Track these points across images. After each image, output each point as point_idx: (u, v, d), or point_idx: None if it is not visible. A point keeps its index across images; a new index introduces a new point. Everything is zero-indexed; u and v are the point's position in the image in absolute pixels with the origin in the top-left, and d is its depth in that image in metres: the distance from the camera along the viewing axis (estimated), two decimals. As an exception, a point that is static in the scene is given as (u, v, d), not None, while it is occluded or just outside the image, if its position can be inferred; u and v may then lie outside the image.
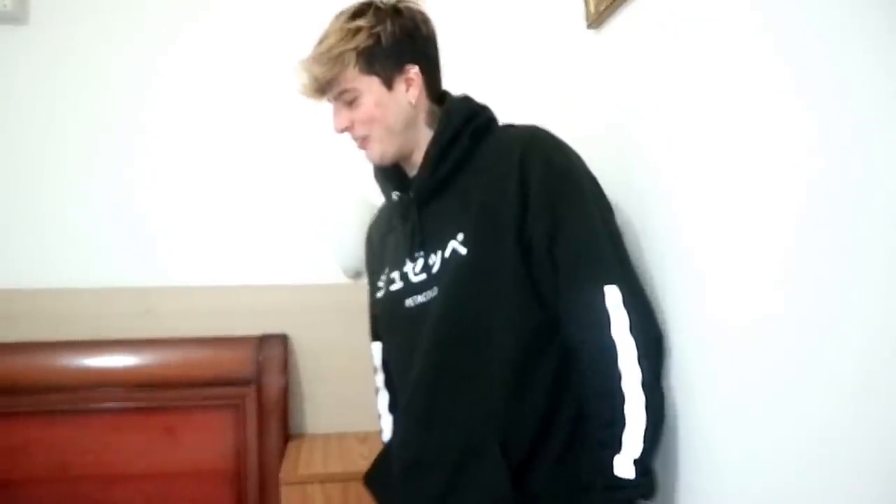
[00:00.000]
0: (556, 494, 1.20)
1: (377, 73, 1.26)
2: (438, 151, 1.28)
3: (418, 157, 1.31)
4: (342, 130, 1.30)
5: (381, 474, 1.41)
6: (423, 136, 1.31)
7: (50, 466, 1.90)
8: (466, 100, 1.35)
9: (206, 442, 1.94)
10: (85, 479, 1.90)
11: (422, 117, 1.31)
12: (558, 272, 1.19)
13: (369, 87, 1.26)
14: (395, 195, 1.36)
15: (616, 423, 1.12)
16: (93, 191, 2.04)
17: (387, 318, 1.40)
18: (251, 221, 2.07)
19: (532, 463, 1.19)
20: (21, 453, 1.90)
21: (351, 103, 1.27)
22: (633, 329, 1.14)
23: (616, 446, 1.12)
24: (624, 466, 1.11)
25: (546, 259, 1.20)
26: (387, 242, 1.42)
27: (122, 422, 1.91)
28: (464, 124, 1.29)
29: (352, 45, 1.25)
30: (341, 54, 1.24)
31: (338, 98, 1.28)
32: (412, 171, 1.34)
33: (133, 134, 2.05)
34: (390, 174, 1.36)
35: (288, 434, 1.99)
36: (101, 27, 2.04)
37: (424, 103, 1.31)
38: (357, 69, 1.25)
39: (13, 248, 2.01)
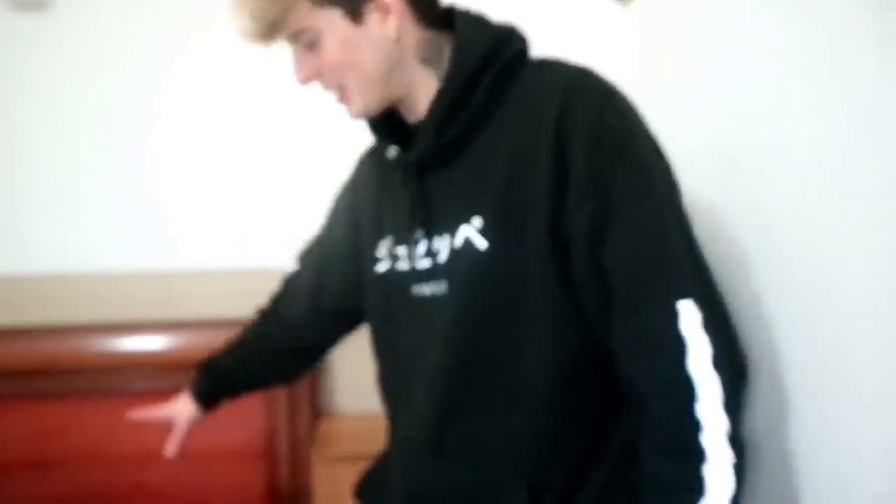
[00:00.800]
0: None
1: (337, 4, 0.95)
2: (446, 108, 0.96)
3: (417, 100, 1.01)
4: (306, 81, 1.00)
5: (375, 488, 1.20)
6: (421, 76, 1.00)
7: (84, 447, 1.93)
8: (484, 25, 1.00)
9: (237, 422, 1.94)
10: (119, 459, 1.92)
11: (412, 52, 0.99)
12: (609, 281, 0.90)
13: (330, 23, 0.95)
14: (392, 151, 1.07)
15: (692, 490, 0.84)
16: (121, 177, 2.04)
17: (385, 302, 1.09)
18: (277, 204, 2.06)
19: None
20: (56, 435, 1.93)
21: (311, 46, 0.97)
22: (718, 361, 0.85)
23: None
24: None
25: (589, 262, 0.90)
26: (385, 196, 1.11)
27: (154, 403, 1.93)
28: (482, 66, 0.96)
29: None
30: None
31: (293, 41, 0.98)
32: (412, 117, 1.04)
33: (154, 118, 2.04)
34: (382, 121, 1.06)
35: (318, 413, 2.00)
36: (119, 14, 2.02)
37: (414, 34, 0.98)
38: (307, 3, 0.94)
39: (43, 233, 2.03)
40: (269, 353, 1.38)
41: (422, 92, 1.00)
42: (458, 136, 0.97)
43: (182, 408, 1.38)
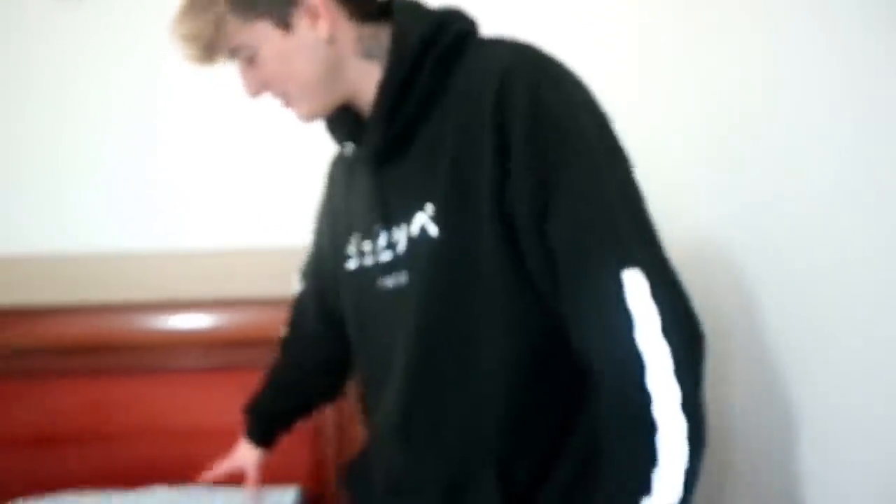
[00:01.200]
0: None
1: (264, 16, 0.93)
2: (390, 99, 0.95)
3: (366, 95, 0.99)
4: (256, 95, 1.00)
5: (359, 477, 1.21)
6: (365, 71, 0.98)
7: (136, 422, 1.98)
8: (422, 10, 0.98)
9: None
10: (169, 434, 1.97)
11: (351, 49, 0.97)
12: (555, 257, 0.88)
13: (261, 37, 0.94)
14: (348, 148, 1.07)
15: (644, 460, 0.83)
16: (165, 158, 2.06)
17: (356, 298, 1.11)
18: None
19: (534, 497, 0.95)
20: (108, 410, 1.98)
21: (251, 61, 0.97)
22: (667, 330, 0.83)
23: (644, 489, 0.83)
24: None
25: (537, 240, 0.88)
26: (353, 195, 1.11)
27: (203, 380, 1.96)
28: (422, 51, 0.94)
29: None
30: (209, 4, 0.92)
31: (233, 58, 0.98)
32: (366, 112, 1.02)
33: (183, 93, 2.04)
34: (341, 120, 1.05)
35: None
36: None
37: (350, 31, 0.96)
38: (236, 19, 0.93)
39: (99, 214, 2.07)
40: (302, 377, 1.43)
41: (368, 87, 0.98)
42: (405, 126, 0.96)
43: (245, 454, 1.44)
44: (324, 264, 1.26)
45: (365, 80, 0.98)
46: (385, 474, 1.09)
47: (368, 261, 1.04)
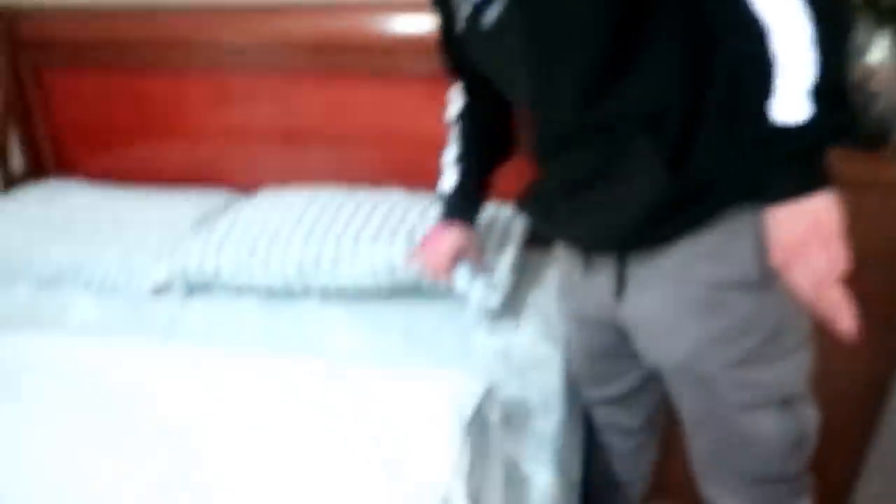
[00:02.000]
0: (722, 175, 1.00)
1: None
2: None
3: None
4: None
5: (532, 197, 1.31)
6: None
7: (371, 124, 2.04)
8: None
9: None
10: (402, 138, 2.02)
11: None
12: None
13: None
14: None
15: (764, 60, 0.86)
16: None
17: (475, 51, 1.21)
18: None
19: (687, 146, 1.00)
20: (346, 110, 2.05)
21: None
22: None
23: (773, 86, 0.86)
24: (790, 106, 0.85)
25: None
26: None
27: (436, 88, 1.93)
28: None
29: None
30: None
31: None
32: None
33: None
34: None
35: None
36: None
37: None
38: None
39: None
40: (489, 137, 1.46)
41: None
42: None
43: (463, 238, 1.48)
44: (455, 40, 1.28)
45: None
46: (551, 178, 1.22)
47: (465, 11, 1.12)
